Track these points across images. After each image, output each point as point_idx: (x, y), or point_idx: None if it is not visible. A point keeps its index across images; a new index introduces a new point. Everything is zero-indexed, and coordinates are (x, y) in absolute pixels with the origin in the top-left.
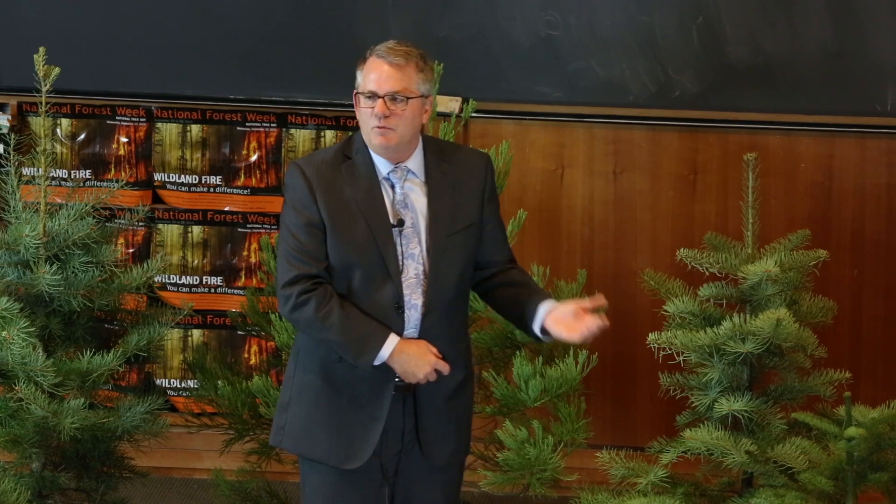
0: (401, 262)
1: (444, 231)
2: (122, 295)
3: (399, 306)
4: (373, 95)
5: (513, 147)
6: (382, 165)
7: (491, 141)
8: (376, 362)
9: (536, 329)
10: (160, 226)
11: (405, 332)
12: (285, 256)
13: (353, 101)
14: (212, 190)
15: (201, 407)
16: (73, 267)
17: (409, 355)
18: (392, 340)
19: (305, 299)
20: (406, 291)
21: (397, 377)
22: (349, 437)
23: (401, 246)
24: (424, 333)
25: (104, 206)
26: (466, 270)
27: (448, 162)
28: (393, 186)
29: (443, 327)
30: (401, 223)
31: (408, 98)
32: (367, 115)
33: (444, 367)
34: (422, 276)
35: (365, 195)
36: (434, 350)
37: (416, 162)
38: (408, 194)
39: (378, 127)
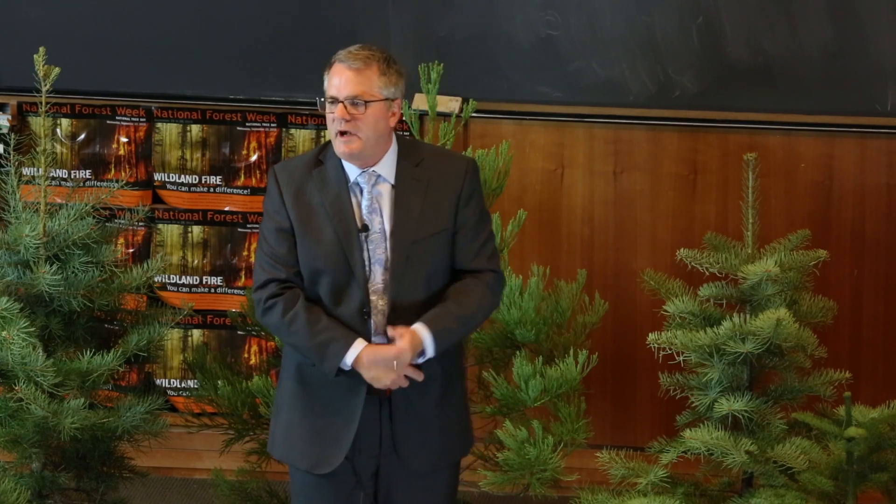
0: (368, 268)
1: (408, 237)
2: (122, 295)
3: (365, 312)
4: (334, 100)
5: (513, 147)
6: (351, 170)
7: (491, 141)
8: (343, 367)
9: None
10: (160, 226)
11: (373, 339)
12: (259, 261)
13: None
14: (212, 190)
15: (201, 407)
16: (73, 267)
17: (375, 361)
18: (357, 346)
19: (273, 303)
20: (373, 297)
21: None
22: (322, 441)
23: (367, 252)
24: (385, 335)
25: (104, 206)
26: (437, 275)
27: (424, 167)
28: (361, 191)
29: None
30: (365, 229)
31: (367, 102)
32: (329, 121)
33: (417, 374)
34: (387, 282)
35: (333, 201)
36: (405, 356)
37: (386, 166)
38: (377, 199)
39: (340, 133)
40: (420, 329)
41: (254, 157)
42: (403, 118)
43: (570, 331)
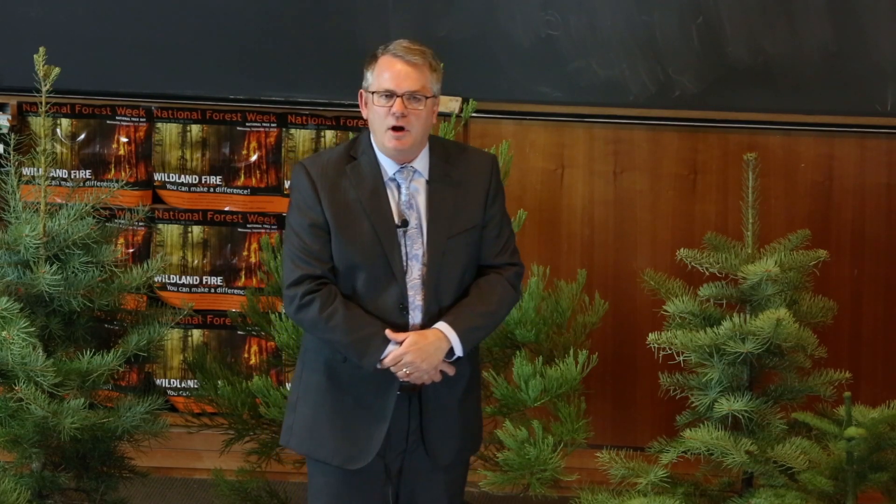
0: (405, 263)
1: (443, 233)
2: (122, 295)
3: (403, 307)
4: (390, 94)
5: (513, 147)
6: (389, 166)
7: (491, 141)
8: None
9: None
10: (160, 226)
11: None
12: (290, 257)
13: (360, 101)
14: (212, 190)
15: (201, 407)
16: (73, 267)
17: (419, 347)
18: (396, 340)
19: (310, 300)
20: (410, 292)
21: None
22: (354, 437)
23: (405, 247)
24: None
25: (104, 206)
26: (468, 271)
27: (452, 164)
28: (399, 187)
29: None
30: (405, 224)
31: (425, 97)
32: (381, 115)
33: (450, 369)
34: (424, 278)
35: (370, 196)
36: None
37: (422, 162)
38: (413, 195)
39: (393, 129)
40: (445, 329)
41: (254, 157)
42: None
43: (570, 331)
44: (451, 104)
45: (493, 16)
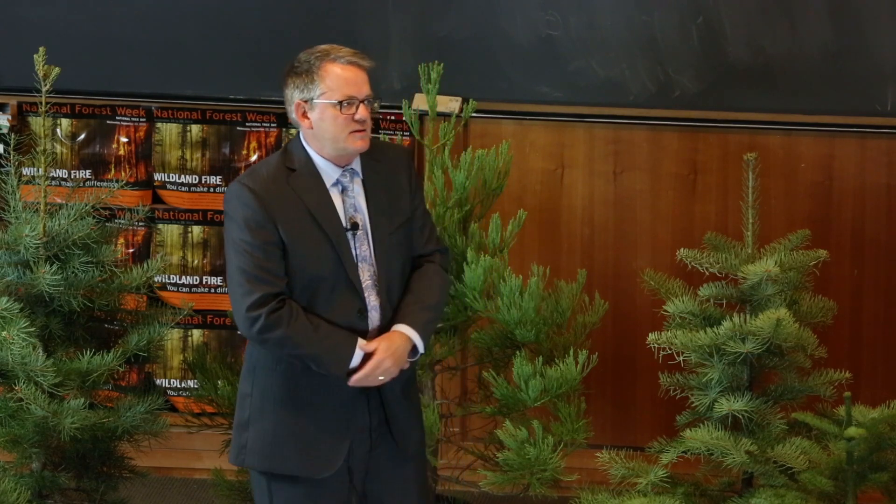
0: (357, 267)
1: (385, 231)
2: (122, 295)
3: (362, 310)
4: (351, 100)
5: (513, 147)
6: (332, 171)
7: (491, 141)
8: (351, 368)
9: None
10: (160, 226)
11: (368, 336)
12: (244, 276)
13: (296, 111)
14: (212, 190)
15: (201, 407)
16: (73, 267)
17: (393, 351)
18: (362, 346)
19: (276, 318)
20: (365, 294)
21: None
22: (319, 446)
23: (355, 249)
24: (381, 332)
25: (104, 206)
26: (407, 265)
27: (376, 159)
28: (343, 190)
29: (391, 323)
30: (355, 227)
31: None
32: (341, 122)
33: (406, 364)
34: (375, 278)
35: (317, 205)
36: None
37: (357, 163)
38: (356, 197)
39: (358, 131)
40: (407, 330)
41: (254, 157)
42: (403, 118)
43: (570, 331)
44: (451, 104)
45: (493, 16)
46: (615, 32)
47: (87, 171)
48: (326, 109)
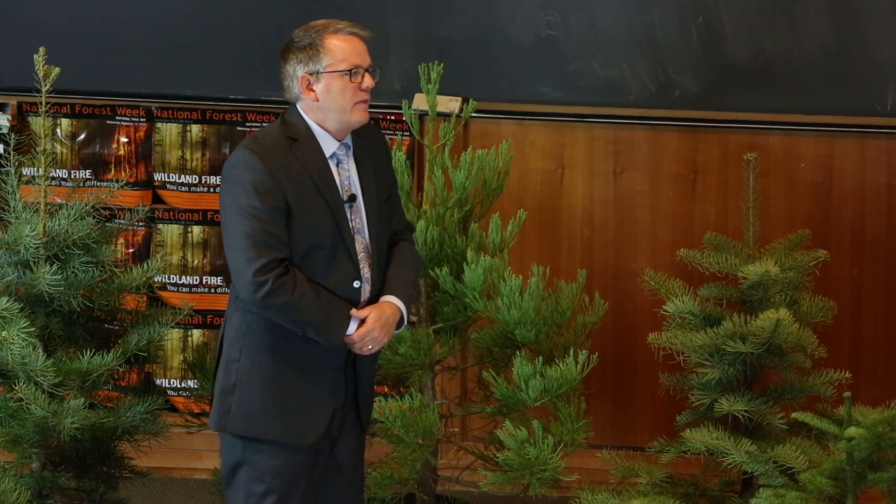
0: (353, 237)
1: (375, 204)
2: (122, 295)
3: (357, 280)
4: (357, 69)
5: (513, 147)
6: (330, 143)
7: (491, 141)
8: (346, 336)
9: None
10: (160, 226)
11: (359, 306)
12: (250, 241)
13: (301, 85)
14: (212, 190)
15: (201, 407)
16: (73, 267)
17: (384, 322)
18: (357, 314)
19: (282, 283)
20: (360, 265)
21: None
22: (305, 413)
23: (351, 221)
24: (370, 303)
25: (104, 206)
26: (388, 240)
27: (361, 136)
28: (339, 163)
29: (377, 295)
30: (352, 198)
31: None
32: (349, 92)
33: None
34: (368, 251)
35: (319, 175)
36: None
37: (349, 138)
38: (349, 170)
39: (363, 102)
40: (396, 301)
41: None
42: (403, 118)
43: (570, 331)
44: (451, 104)
45: (493, 16)
46: (615, 32)
47: (87, 171)
48: (334, 80)
